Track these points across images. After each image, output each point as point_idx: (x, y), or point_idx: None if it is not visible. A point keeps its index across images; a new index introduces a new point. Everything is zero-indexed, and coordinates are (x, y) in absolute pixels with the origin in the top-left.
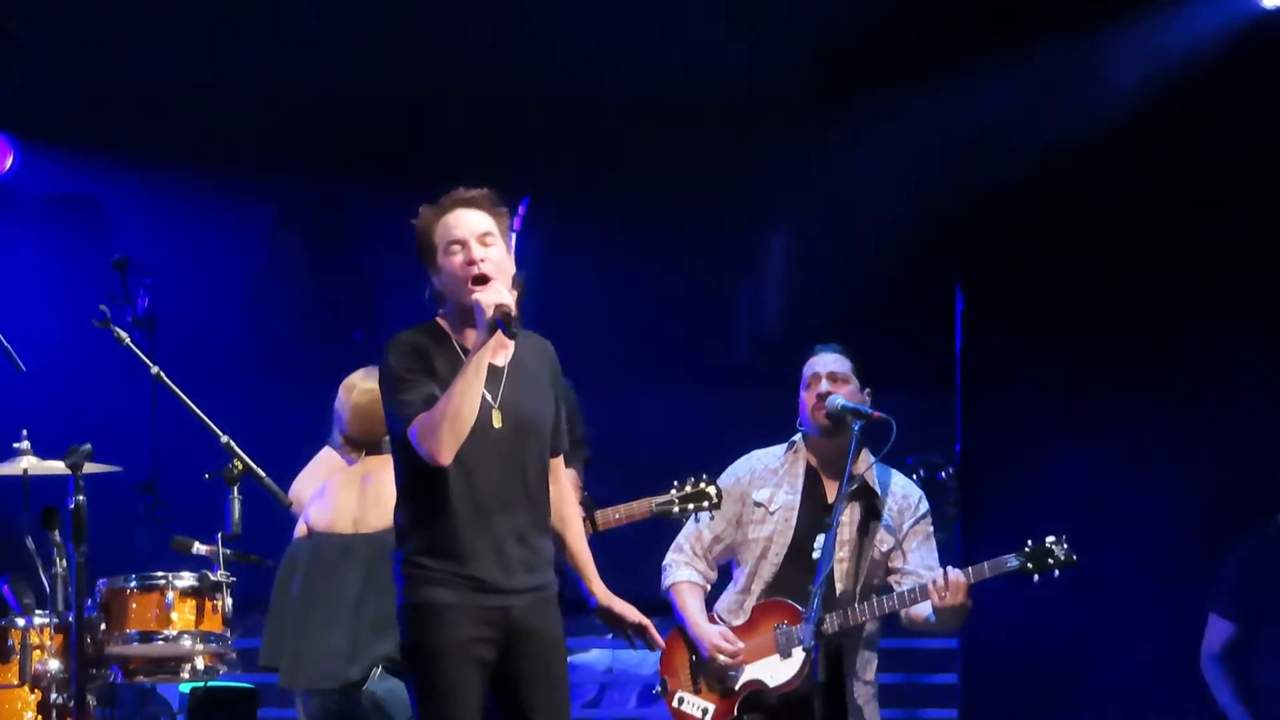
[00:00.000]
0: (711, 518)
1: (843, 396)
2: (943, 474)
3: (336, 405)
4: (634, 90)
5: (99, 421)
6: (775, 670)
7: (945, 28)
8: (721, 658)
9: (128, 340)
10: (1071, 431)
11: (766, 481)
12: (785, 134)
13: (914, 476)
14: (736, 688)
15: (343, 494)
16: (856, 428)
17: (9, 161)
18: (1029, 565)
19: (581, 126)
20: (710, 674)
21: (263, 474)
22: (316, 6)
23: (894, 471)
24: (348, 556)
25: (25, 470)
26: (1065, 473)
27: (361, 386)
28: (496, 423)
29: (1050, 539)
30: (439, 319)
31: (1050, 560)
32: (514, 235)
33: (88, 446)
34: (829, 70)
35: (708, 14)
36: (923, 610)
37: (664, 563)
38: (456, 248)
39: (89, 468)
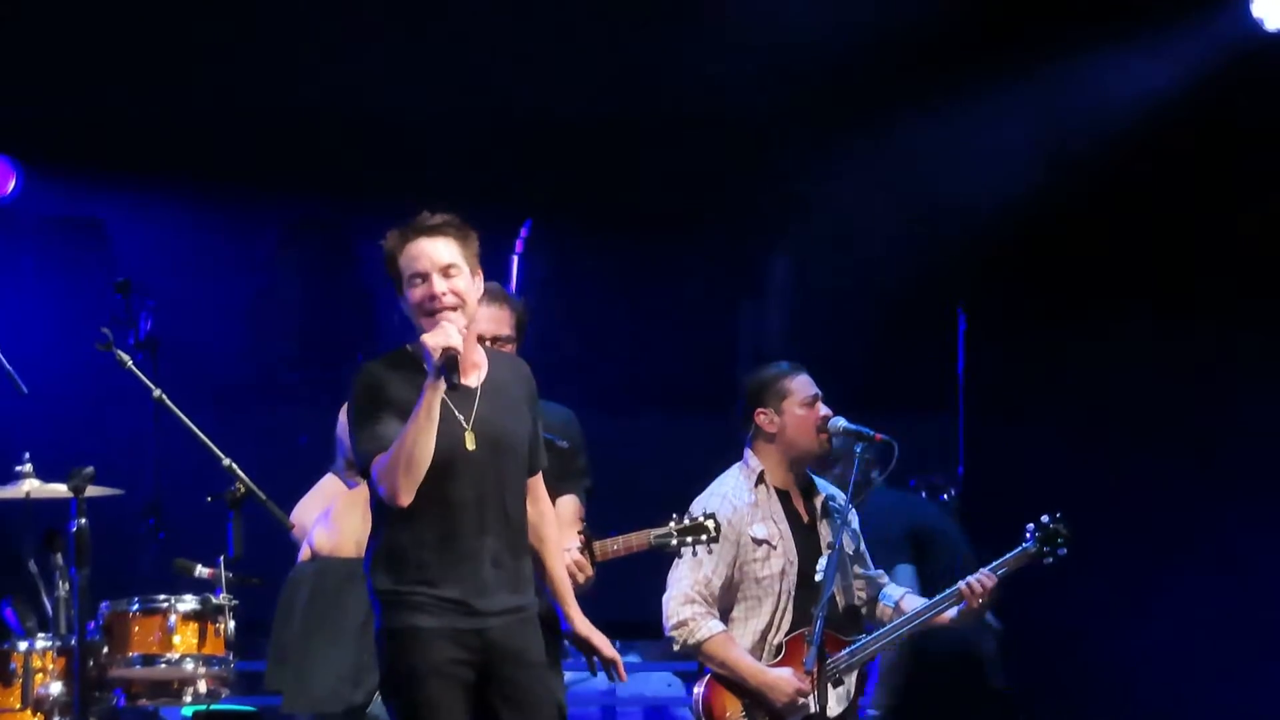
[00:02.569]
0: (710, 551)
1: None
2: (945, 495)
3: (338, 430)
4: (636, 111)
5: (101, 444)
6: (833, 698)
7: (948, 51)
8: (803, 700)
9: (130, 363)
10: (1073, 452)
11: (754, 516)
12: (788, 155)
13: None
14: None
15: (347, 517)
16: (858, 450)
17: (11, 184)
18: (1045, 549)
19: (583, 147)
20: (769, 715)
21: (265, 497)
22: (316, 29)
23: (821, 480)
24: (352, 580)
25: (28, 493)
26: (1067, 493)
27: None
28: (470, 444)
29: (1045, 518)
30: (408, 346)
31: (1060, 540)
32: (516, 258)
33: (90, 469)
34: (833, 93)
35: (711, 34)
36: (947, 612)
37: (680, 618)
38: (418, 280)
39: (91, 490)
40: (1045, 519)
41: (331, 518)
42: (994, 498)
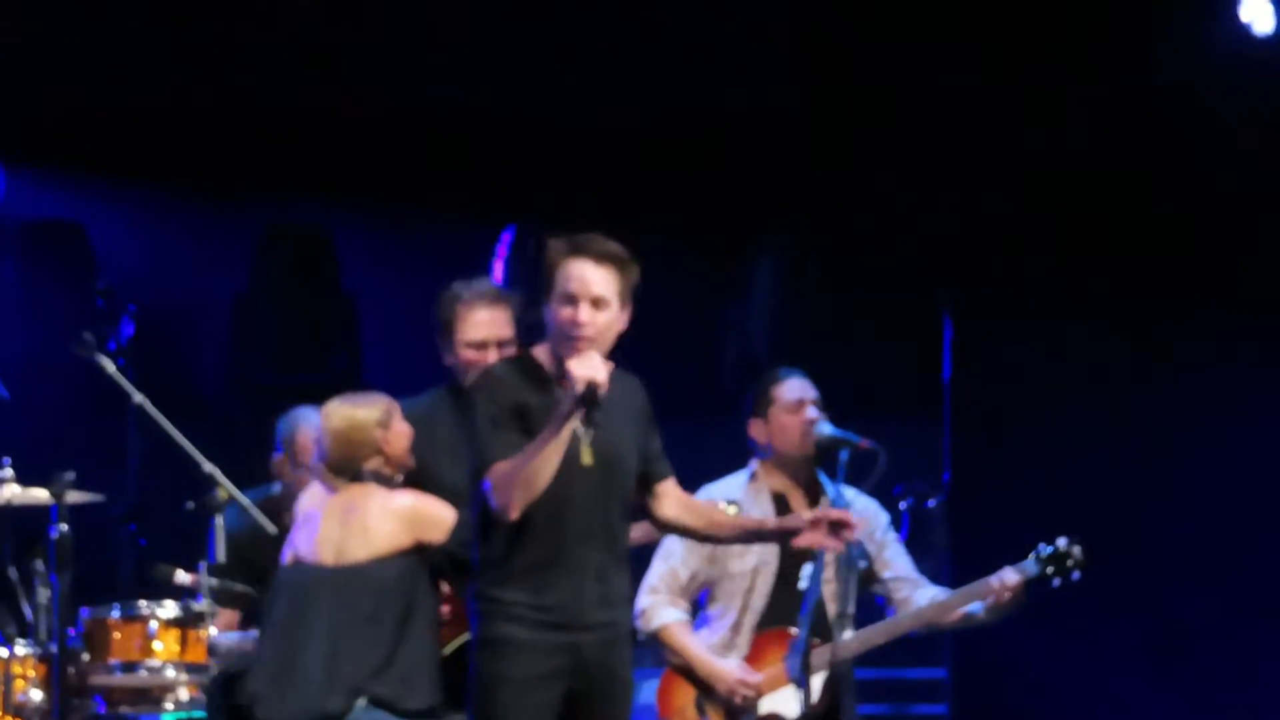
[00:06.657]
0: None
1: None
2: (931, 502)
3: (315, 434)
4: (621, 114)
5: (82, 450)
6: (792, 700)
7: (936, 55)
8: (745, 693)
9: (111, 368)
10: (1059, 460)
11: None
12: (774, 157)
13: (902, 505)
14: None
15: (326, 524)
16: (844, 456)
17: None
18: (1049, 570)
19: (568, 151)
20: (723, 710)
21: (247, 502)
22: (301, 32)
23: (842, 486)
24: (328, 587)
25: (8, 499)
26: (1052, 501)
27: (340, 413)
28: (586, 459)
29: (1061, 541)
30: (536, 350)
31: (1070, 563)
32: (499, 263)
33: (71, 475)
34: (820, 95)
35: (699, 38)
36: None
37: (640, 607)
38: (567, 302)
39: (72, 496)
40: (1061, 543)
41: (310, 523)
42: (980, 505)
